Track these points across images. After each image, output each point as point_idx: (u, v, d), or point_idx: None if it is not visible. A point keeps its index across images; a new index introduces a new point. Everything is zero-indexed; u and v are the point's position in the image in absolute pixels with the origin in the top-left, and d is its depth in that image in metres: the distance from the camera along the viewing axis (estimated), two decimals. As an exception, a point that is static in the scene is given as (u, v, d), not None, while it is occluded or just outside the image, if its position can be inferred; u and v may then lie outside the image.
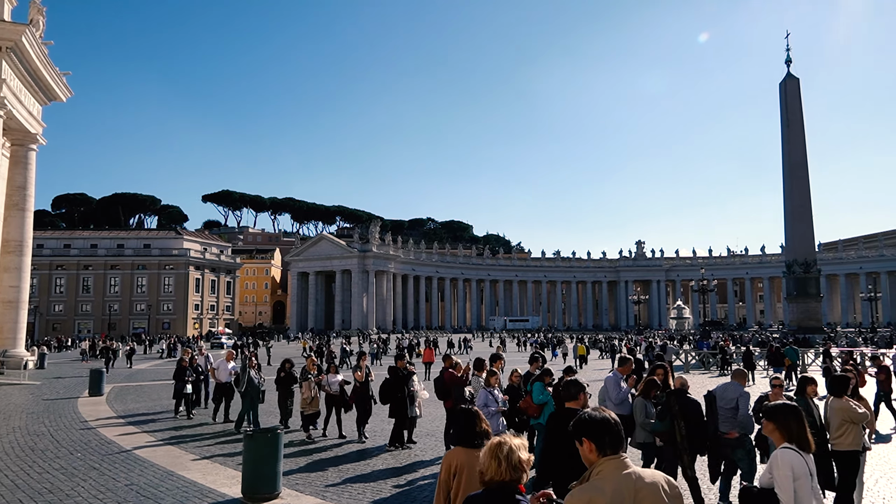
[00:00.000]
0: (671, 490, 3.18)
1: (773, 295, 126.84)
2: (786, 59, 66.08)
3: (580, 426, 3.34)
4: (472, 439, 4.86)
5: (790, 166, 64.26)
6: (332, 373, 15.50)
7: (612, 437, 3.23)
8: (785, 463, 4.51)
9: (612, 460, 3.18)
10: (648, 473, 3.20)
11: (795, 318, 64.45)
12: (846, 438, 8.12)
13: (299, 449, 13.66)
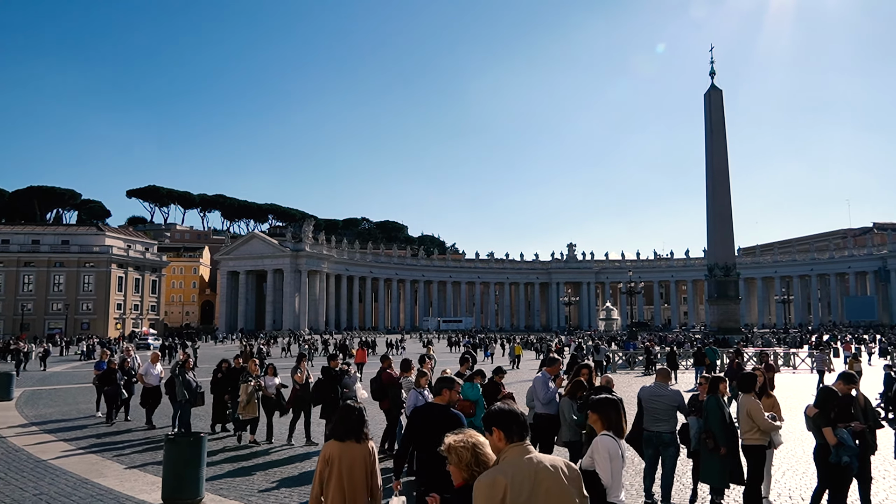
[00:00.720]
0: (570, 473, 3.48)
1: (696, 297, 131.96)
2: (710, 72, 68.90)
3: (490, 417, 3.71)
4: (344, 433, 5.37)
5: (713, 173, 67.08)
6: (269, 375, 15.16)
7: (518, 426, 3.58)
8: (604, 447, 5.30)
9: (516, 447, 3.51)
10: (550, 459, 3.51)
11: (716, 320, 67.28)
12: (753, 433, 8.55)
13: (232, 454, 13.30)
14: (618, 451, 5.26)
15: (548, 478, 3.36)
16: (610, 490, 5.20)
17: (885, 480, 10.93)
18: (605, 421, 5.55)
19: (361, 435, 5.43)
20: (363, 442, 5.42)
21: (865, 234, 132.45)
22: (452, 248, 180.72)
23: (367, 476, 5.32)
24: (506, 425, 3.58)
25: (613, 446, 5.29)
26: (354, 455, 5.31)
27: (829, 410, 8.65)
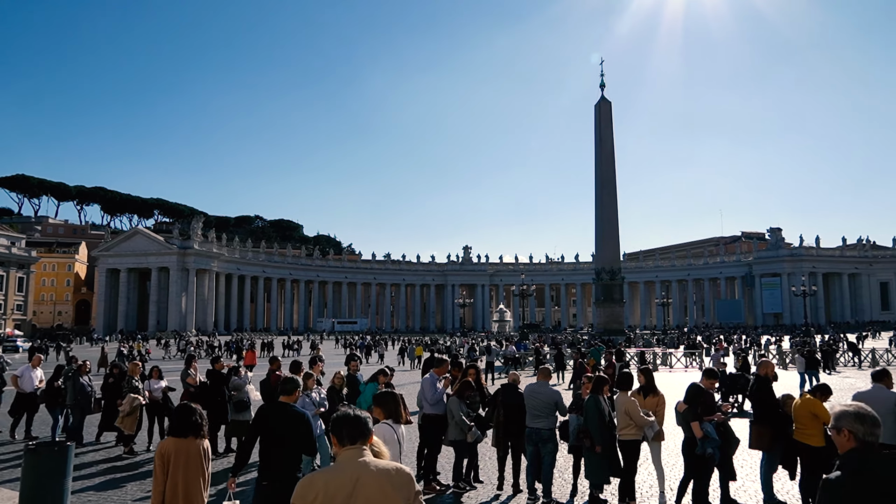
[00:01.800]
0: (400, 479, 3.50)
1: (584, 299, 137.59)
2: (600, 84, 72.11)
3: (331, 423, 3.81)
4: (184, 430, 5.85)
5: (601, 182, 70.24)
6: (154, 377, 14.34)
7: (349, 430, 3.61)
8: (380, 433, 5.79)
9: (348, 450, 3.56)
10: (382, 463, 3.55)
11: (602, 321, 70.45)
12: (629, 429, 9.02)
13: (110, 465, 12.48)
14: (393, 436, 5.95)
15: (370, 483, 3.40)
16: None
17: (743, 469, 11.82)
18: (385, 410, 6.22)
19: (200, 432, 5.92)
20: (200, 439, 5.90)
21: (735, 243, 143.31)
22: (349, 249, 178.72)
23: (202, 470, 5.79)
24: (335, 430, 3.67)
25: (389, 432, 5.98)
26: (191, 451, 5.78)
27: (696, 405, 9.27)
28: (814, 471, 8.92)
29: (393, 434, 6.02)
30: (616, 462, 9.25)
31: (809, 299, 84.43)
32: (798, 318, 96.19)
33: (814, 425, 8.80)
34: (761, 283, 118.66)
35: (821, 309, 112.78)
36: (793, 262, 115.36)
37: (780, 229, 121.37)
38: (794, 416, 9.06)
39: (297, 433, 6.43)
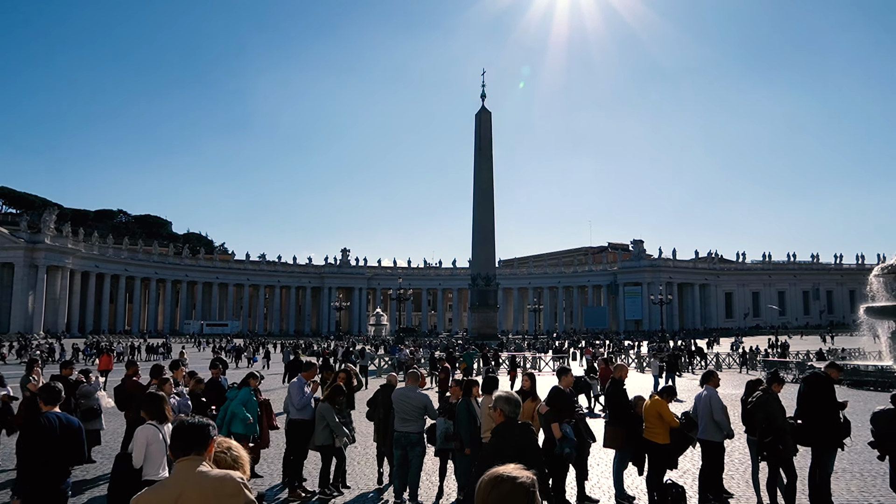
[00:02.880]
0: (226, 487, 3.38)
1: (460, 304, 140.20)
2: (481, 94, 73.92)
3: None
4: None
5: (479, 189, 71.96)
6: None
7: (182, 441, 3.55)
8: (143, 435, 6.54)
9: (183, 461, 3.50)
10: (212, 473, 3.44)
11: (476, 326, 72.09)
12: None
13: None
14: (157, 436, 6.48)
15: (193, 497, 3.32)
16: (145, 469, 6.37)
17: (599, 467, 12.52)
18: (149, 414, 6.75)
19: None
20: None
21: (602, 253, 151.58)
22: (221, 248, 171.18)
23: None
24: (172, 442, 3.63)
25: (153, 433, 6.53)
26: None
27: (558, 407, 9.71)
28: (659, 466, 9.62)
29: (157, 434, 6.47)
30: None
31: (665, 307, 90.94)
32: (656, 324, 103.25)
33: (660, 424, 9.48)
34: (624, 291, 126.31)
35: (675, 316, 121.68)
36: (652, 272, 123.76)
37: (642, 241, 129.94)
38: (644, 417, 9.73)
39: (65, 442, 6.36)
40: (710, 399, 9.98)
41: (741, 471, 11.85)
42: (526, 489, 2.48)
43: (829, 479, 9.52)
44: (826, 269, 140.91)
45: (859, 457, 13.12)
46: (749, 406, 9.95)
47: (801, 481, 9.75)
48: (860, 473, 11.99)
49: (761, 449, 9.55)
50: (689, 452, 10.97)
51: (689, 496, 9.80)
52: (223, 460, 3.70)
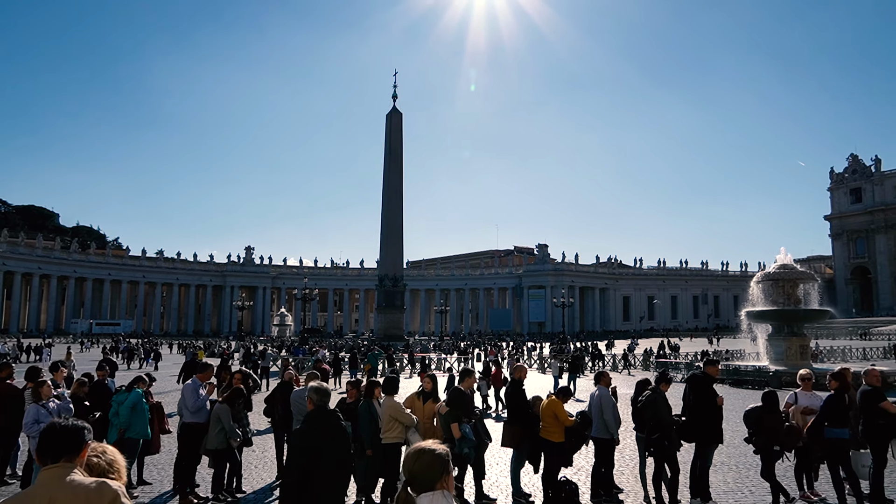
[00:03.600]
0: (100, 496, 3.19)
1: (367, 305, 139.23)
2: (392, 94, 73.79)
3: None
4: None
5: (388, 190, 71.80)
6: None
7: (52, 446, 3.32)
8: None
9: (49, 469, 3.27)
10: (84, 482, 3.23)
11: (382, 327, 71.83)
12: (392, 432, 9.29)
13: None
14: None
15: (63, 499, 3.14)
16: None
17: (497, 466, 12.78)
18: None
19: None
20: None
21: (508, 256, 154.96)
22: (115, 244, 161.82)
23: None
24: (40, 447, 3.40)
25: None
26: None
27: (459, 408, 9.83)
28: (554, 464, 9.94)
29: None
30: (382, 465, 9.47)
31: (567, 310, 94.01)
32: (558, 326, 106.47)
33: (555, 424, 9.80)
34: (528, 294, 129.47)
35: (576, 319, 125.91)
36: (556, 276, 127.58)
37: (547, 245, 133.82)
38: (541, 416, 10.02)
39: None
40: (601, 398, 10.41)
41: (631, 466, 12.42)
42: (442, 458, 3.19)
43: (707, 471, 10.14)
44: (714, 275, 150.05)
45: (736, 451, 14.07)
46: (638, 405, 10.45)
47: (683, 475, 10.37)
48: (736, 466, 12.85)
49: (649, 445, 10.05)
50: (584, 450, 11.41)
51: (581, 492, 10.18)
52: (97, 466, 3.46)
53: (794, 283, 34.41)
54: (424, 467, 3.14)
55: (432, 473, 3.12)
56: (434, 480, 3.13)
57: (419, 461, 3.15)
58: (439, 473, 3.14)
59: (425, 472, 3.13)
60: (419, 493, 3.10)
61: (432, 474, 3.12)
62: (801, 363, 29.87)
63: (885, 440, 9.97)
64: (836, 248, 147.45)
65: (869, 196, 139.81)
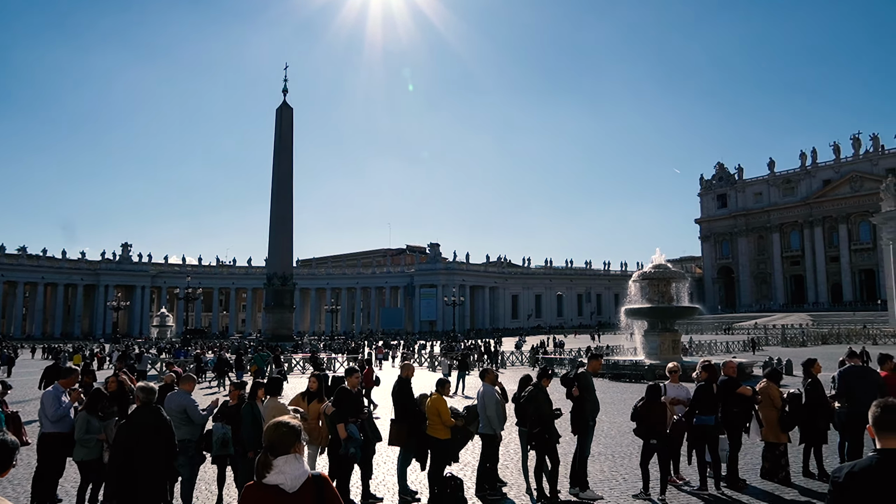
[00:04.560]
0: None
1: (255, 305, 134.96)
2: (283, 88, 72.08)
3: None
4: None
5: (278, 186, 70.01)
6: None
7: None
8: None
9: None
10: None
11: (271, 327, 69.98)
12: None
13: None
14: None
15: None
16: None
17: (386, 465, 12.75)
18: None
19: None
20: None
21: (401, 255, 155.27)
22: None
23: None
24: None
25: None
26: None
27: (345, 408, 9.70)
28: (440, 461, 10.03)
29: None
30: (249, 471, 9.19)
31: (458, 308, 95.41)
32: (449, 325, 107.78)
33: (440, 421, 9.90)
34: (420, 293, 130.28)
35: (467, 317, 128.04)
36: (447, 274, 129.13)
37: (439, 245, 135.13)
38: (427, 414, 10.08)
39: None
40: (484, 395, 10.63)
41: (515, 460, 12.76)
42: (294, 429, 3.79)
43: (586, 460, 10.60)
44: (597, 275, 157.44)
45: (613, 441, 14.82)
46: (521, 400, 10.75)
47: (564, 466, 10.78)
48: (612, 455, 13.52)
49: (531, 439, 10.36)
50: (472, 446, 11.60)
51: (467, 487, 10.34)
52: None
53: (668, 282, 36.66)
54: (281, 436, 3.73)
55: (287, 442, 3.74)
56: (289, 446, 3.74)
57: (276, 432, 3.77)
58: (293, 441, 3.77)
59: (282, 440, 3.73)
60: (276, 456, 3.71)
61: (287, 442, 3.74)
62: (672, 357, 31.82)
63: (740, 425, 10.84)
64: (705, 249, 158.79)
65: (733, 202, 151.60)
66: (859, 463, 3.76)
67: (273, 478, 3.67)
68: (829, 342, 62.45)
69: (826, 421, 11.14)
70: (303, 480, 3.74)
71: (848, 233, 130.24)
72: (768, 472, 11.12)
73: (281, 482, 3.66)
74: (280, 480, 3.66)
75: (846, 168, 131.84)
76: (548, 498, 10.05)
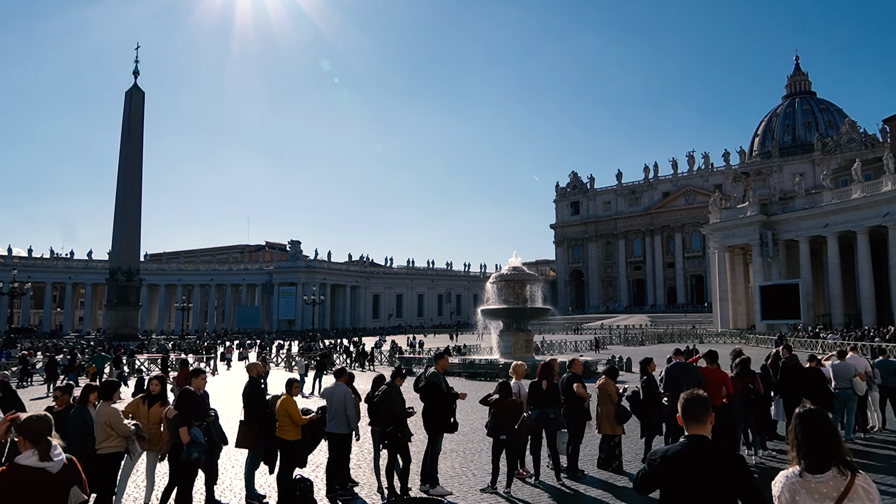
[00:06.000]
0: None
1: (95, 301, 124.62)
2: (134, 70, 67.28)
3: None
4: None
5: (125, 175, 65.22)
6: None
7: None
8: None
9: None
10: None
11: (113, 325, 65.10)
12: (109, 441, 8.40)
13: None
14: None
15: None
16: None
17: (234, 469, 12.26)
18: None
19: None
20: None
21: (259, 251, 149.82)
22: None
23: None
24: None
25: None
26: None
27: (188, 410, 9.19)
28: (290, 463, 9.80)
29: None
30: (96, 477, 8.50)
31: (318, 307, 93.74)
32: (308, 324, 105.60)
33: (290, 422, 9.68)
34: (279, 291, 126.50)
35: (327, 316, 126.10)
36: (308, 273, 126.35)
37: (300, 242, 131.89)
38: (277, 415, 9.82)
39: None
40: (344, 395, 10.55)
41: (368, 460, 12.75)
42: (46, 420, 4.55)
43: (437, 458, 10.81)
44: (457, 276, 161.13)
45: (465, 438, 15.24)
46: (375, 400, 10.77)
47: (416, 464, 10.93)
48: (464, 452, 13.90)
49: (383, 437, 10.41)
50: (322, 446, 11.41)
51: (317, 488, 10.19)
52: None
53: (523, 284, 38.22)
54: (32, 426, 4.41)
55: (39, 432, 4.40)
56: (43, 434, 4.41)
57: (27, 424, 4.44)
58: (46, 431, 4.46)
59: (32, 430, 4.41)
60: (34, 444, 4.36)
61: (39, 432, 4.40)
62: (525, 356, 33.24)
63: (580, 420, 11.56)
64: (559, 253, 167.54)
65: (585, 209, 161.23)
66: (672, 447, 4.23)
67: (29, 460, 4.30)
68: (664, 341, 68.09)
69: (659, 414, 12.15)
70: (62, 465, 4.46)
71: (682, 241, 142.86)
72: (604, 461, 11.93)
73: (47, 465, 4.31)
74: (41, 464, 4.29)
75: (682, 182, 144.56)
76: (398, 496, 10.14)
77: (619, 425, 11.83)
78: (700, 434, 4.24)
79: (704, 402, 4.33)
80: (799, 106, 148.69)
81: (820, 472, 3.74)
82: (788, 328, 63.37)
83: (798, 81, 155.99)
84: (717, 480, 4.07)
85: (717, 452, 4.18)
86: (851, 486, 3.67)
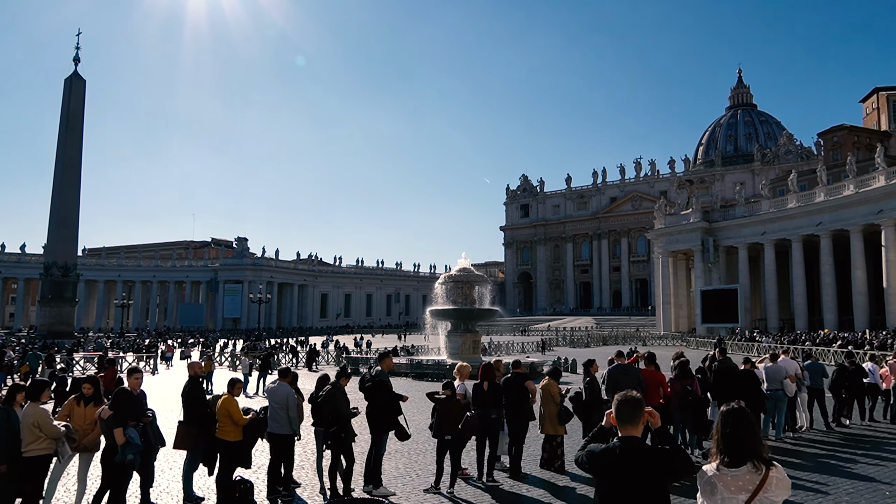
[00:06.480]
0: None
1: (27, 297, 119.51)
2: (75, 57, 64.75)
3: None
4: None
5: (63, 166, 62.76)
6: None
7: None
8: None
9: None
10: None
11: (47, 323, 62.48)
12: (37, 444, 8.11)
13: None
14: None
15: None
16: None
17: (172, 471, 11.96)
18: None
19: None
20: None
21: (205, 248, 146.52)
22: None
23: None
24: None
25: None
26: None
27: (123, 411, 8.92)
28: (230, 464, 9.63)
29: None
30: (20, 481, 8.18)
31: (264, 306, 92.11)
32: (254, 322, 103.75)
33: (230, 423, 9.51)
34: (224, 288, 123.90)
35: (274, 315, 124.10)
36: (254, 270, 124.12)
37: (247, 239, 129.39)
38: (217, 415, 9.63)
39: None
40: (275, 393, 10.43)
41: (311, 461, 12.62)
42: None
43: (381, 459, 10.78)
44: (407, 276, 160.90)
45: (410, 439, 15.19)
46: (319, 400, 10.67)
47: (359, 464, 10.88)
48: (408, 453, 13.89)
49: (326, 438, 10.32)
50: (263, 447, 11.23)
51: (258, 490, 10.04)
52: None
53: (471, 285, 38.42)
54: None
55: None
56: None
57: None
58: None
59: None
60: None
61: None
62: (473, 357, 33.44)
63: (523, 420, 11.69)
64: (508, 255, 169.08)
65: (535, 212, 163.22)
66: (607, 447, 4.37)
67: None
68: (608, 343, 69.44)
69: (600, 415, 12.40)
70: None
71: (628, 246, 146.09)
72: (546, 461, 12.11)
73: None
74: None
75: (629, 188, 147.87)
76: (341, 496, 10.07)
77: (562, 425, 12.02)
78: (632, 435, 4.40)
79: (636, 403, 4.48)
80: (741, 117, 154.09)
81: (736, 467, 4.04)
82: (727, 331, 65.55)
83: (740, 94, 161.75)
84: (647, 477, 4.28)
85: (647, 451, 4.35)
86: (766, 479, 3.99)
